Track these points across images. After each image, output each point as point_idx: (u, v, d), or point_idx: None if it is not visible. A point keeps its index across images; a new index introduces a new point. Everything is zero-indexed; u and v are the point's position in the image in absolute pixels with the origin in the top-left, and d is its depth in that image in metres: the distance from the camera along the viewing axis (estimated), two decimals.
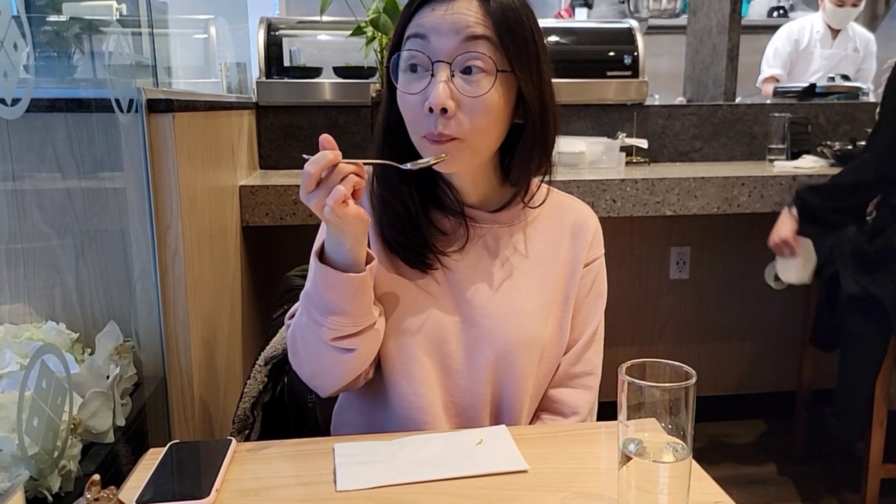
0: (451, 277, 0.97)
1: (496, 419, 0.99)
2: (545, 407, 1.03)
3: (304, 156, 0.80)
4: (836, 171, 2.11)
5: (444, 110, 0.86)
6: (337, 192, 0.78)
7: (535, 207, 1.02)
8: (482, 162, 0.94)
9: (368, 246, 0.96)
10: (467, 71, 0.87)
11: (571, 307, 1.01)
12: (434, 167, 0.90)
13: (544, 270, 1.00)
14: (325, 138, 0.81)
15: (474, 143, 0.89)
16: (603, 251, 1.05)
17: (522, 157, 0.95)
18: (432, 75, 0.86)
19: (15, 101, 0.77)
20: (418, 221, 0.95)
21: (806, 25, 3.63)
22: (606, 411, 1.01)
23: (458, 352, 0.97)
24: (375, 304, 0.93)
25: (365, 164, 0.83)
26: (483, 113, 0.87)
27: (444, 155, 0.87)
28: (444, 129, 0.86)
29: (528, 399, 1.00)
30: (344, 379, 0.93)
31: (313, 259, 0.87)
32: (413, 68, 0.89)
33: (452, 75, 0.86)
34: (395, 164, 0.88)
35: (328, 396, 0.99)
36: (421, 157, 0.91)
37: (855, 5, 3.39)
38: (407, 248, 0.96)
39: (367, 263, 0.87)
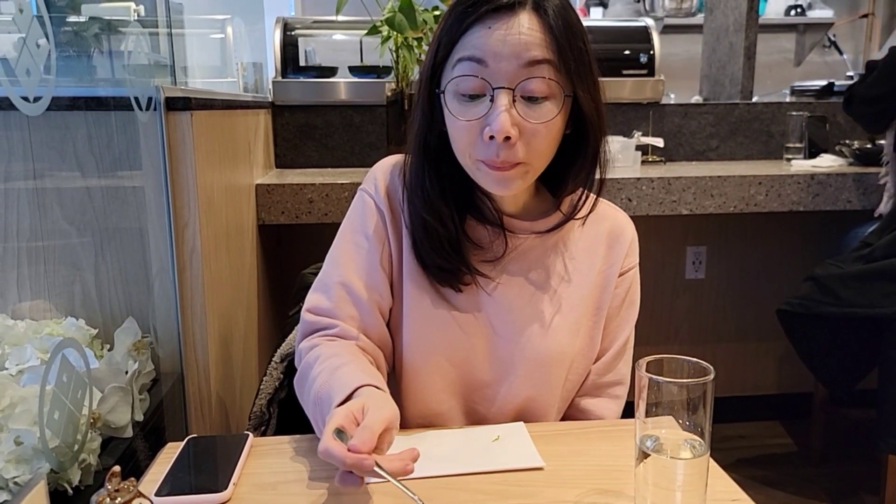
0: (483, 290, 0.95)
1: None
2: (571, 416, 1.02)
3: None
4: (855, 169, 2.10)
5: (507, 137, 0.82)
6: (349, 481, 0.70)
7: (580, 218, 0.97)
8: None
9: (401, 256, 0.96)
10: (530, 96, 0.83)
11: (603, 318, 0.99)
12: (490, 190, 0.89)
13: (579, 282, 0.98)
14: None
15: (535, 166, 0.87)
16: (637, 260, 1.02)
17: (580, 170, 0.92)
18: (491, 100, 0.82)
19: (37, 99, 0.78)
20: (458, 244, 0.92)
21: None
22: (624, 411, 1.01)
23: (485, 363, 0.95)
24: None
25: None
26: (546, 136, 0.84)
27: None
28: (507, 157, 0.83)
29: (554, 410, 0.99)
30: None
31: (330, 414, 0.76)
32: (469, 93, 0.84)
33: (514, 100, 0.82)
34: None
35: None
36: (467, 174, 0.89)
37: None
38: (441, 269, 0.92)
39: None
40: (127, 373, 1.02)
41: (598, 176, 0.94)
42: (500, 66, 0.82)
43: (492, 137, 0.82)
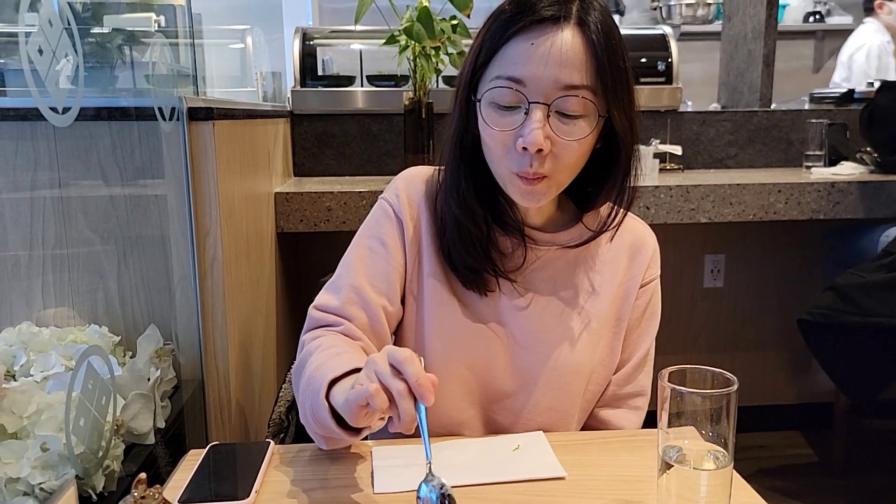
0: (505, 299, 0.96)
1: None
2: (591, 426, 1.02)
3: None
4: (876, 177, 2.07)
5: (540, 150, 0.83)
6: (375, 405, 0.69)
7: (606, 231, 0.96)
8: None
9: (418, 265, 0.96)
10: (565, 112, 0.83)
11: (623, 329, 0.99)
12: (517, 202, 0.90)
13: (600, 293, 0.98)
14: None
15: (562, 180, 0.88)
16: (659, 271, 1.02)
17: (611, 187, 0.93)
18: (526, 113, 0.83)
19: (65, 110, 0.79)
20: (487, 244, 0.93)
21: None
22: (645, 420, 1.00)
23: (506, 373, 0.96)
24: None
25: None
26: (576, 151, 0.85)
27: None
28: (538, 169, 0.84)
29: (574, 420, 0.98)
30: None
31: (322, 389, 0.78)
32: (505, 104, 0.85)
33: (548, 115, 0.83)
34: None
35: None
36: (498, 184, 0.90)
37: None
38: (471, 270, 0.93)
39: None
40: (149, 380, 1.03)
41: (630, 184, 0.94)
42: (538, 82, 0.82)
43: (525, 149, 0.83)
